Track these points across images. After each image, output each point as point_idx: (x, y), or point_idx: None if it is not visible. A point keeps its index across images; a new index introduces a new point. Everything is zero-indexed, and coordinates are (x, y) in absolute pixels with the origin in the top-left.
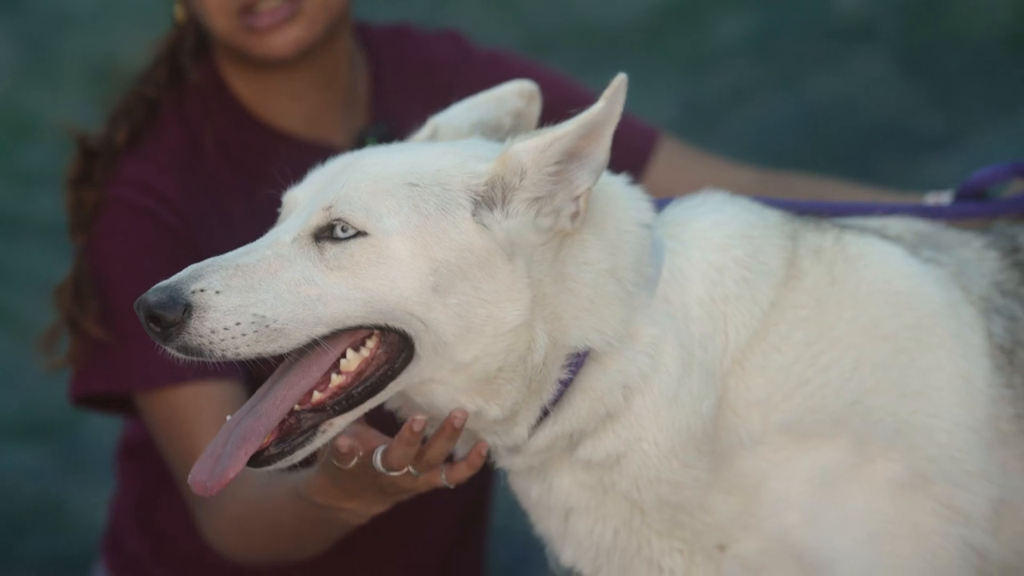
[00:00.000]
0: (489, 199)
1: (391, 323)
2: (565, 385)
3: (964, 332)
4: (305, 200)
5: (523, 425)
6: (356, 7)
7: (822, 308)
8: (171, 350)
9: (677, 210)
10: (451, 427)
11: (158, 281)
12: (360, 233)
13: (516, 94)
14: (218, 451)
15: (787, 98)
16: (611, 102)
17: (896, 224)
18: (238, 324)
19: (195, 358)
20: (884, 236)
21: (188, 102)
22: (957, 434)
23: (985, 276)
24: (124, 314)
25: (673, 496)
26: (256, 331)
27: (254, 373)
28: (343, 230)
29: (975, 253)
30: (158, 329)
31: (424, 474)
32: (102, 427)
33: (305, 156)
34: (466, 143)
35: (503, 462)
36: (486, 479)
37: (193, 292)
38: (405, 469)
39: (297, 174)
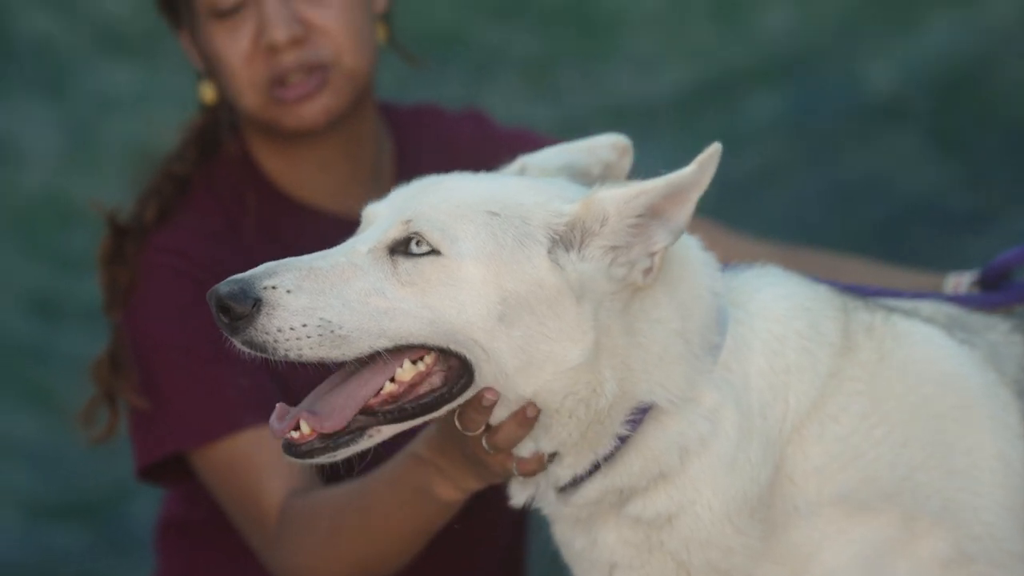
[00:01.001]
0: (567, 240)
1: (452, 346)
2: (621, 441)
3: (1001, 414)
4: (385, 215)
5: (568, 469)
6: (391, 87)
7: (874, 383)
8: (237, 343)
9: (738, 281)
10: (523, 415)
11: (198, 336)
12: (434, 251)
13: (609, 146)
14: (284, 413)
15: (820, 176)
16: (702, 168)
17: (927, 306)
18: (304, 326)
19: (258, 354)
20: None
21: (218, 177)
22: (999, 514)
23: (1013, 360)
24: (169, 373)
25: (723, 562)
26: (321, 335)
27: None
28: (418, 244)
29: (1002, 337)
30: (226, 320)
31: (497, 454)
32: (144, 507)
33: (332, 229)
34: (552, 181)
35: (549, 509)
36: (523, 525)
37: (265, 288)
38: (479, 432)
39: (324, 247)
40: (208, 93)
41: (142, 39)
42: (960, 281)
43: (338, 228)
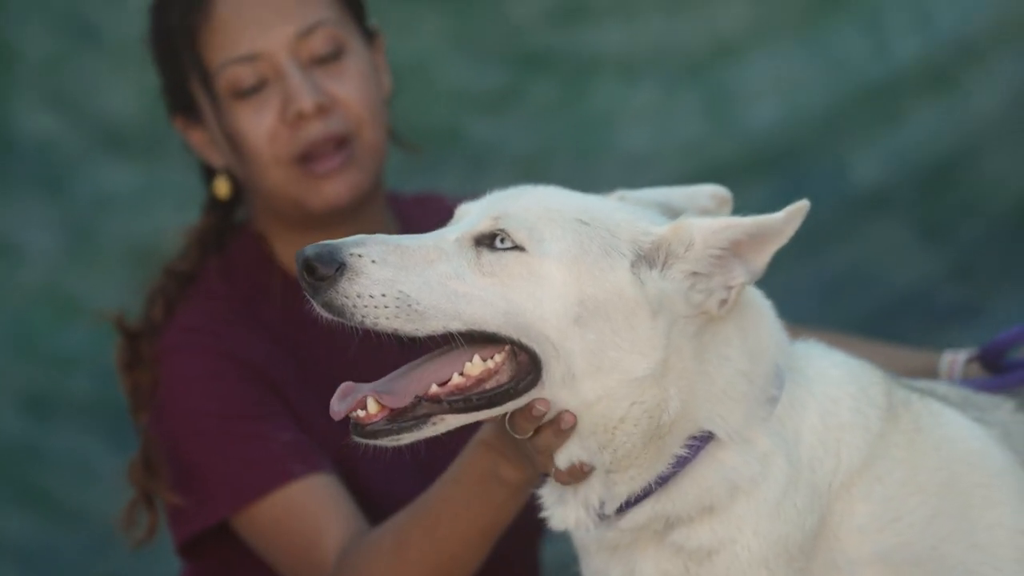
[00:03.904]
0: (651, 258)
1: (524, 340)
2: (678, 466)
3: (1021, 491)
4: (477, 211)
5: (626, 485)
6: (391, 178)
7: (912, 453)
8: (316, 305)
9: (793, 348)
10: (558, 427)
11: (233, 400)
12: (518, 248)
13: (709, 195)
14: (349, 391)
15: (806, 267)
16: (789, 218)
17: (942, 386)
18: (383, 296)
19: (335, 317)
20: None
21: (234, 266)
22: None
23: (1022, 438)
24: (208, 442)
25: None
26: (398, 307)
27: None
28: (502, 241)
29: (1008, 416)
30: (310, 279)
31: (540, 454)
32: None
33: None
34: (644, 210)
35: (588, 537)
36: (535, 544)
37: (351, 255)
38: (527, 436)
39: (339, 332)
40: (222, 187)
41: (142, 139)
42: (956, 359)
43: None
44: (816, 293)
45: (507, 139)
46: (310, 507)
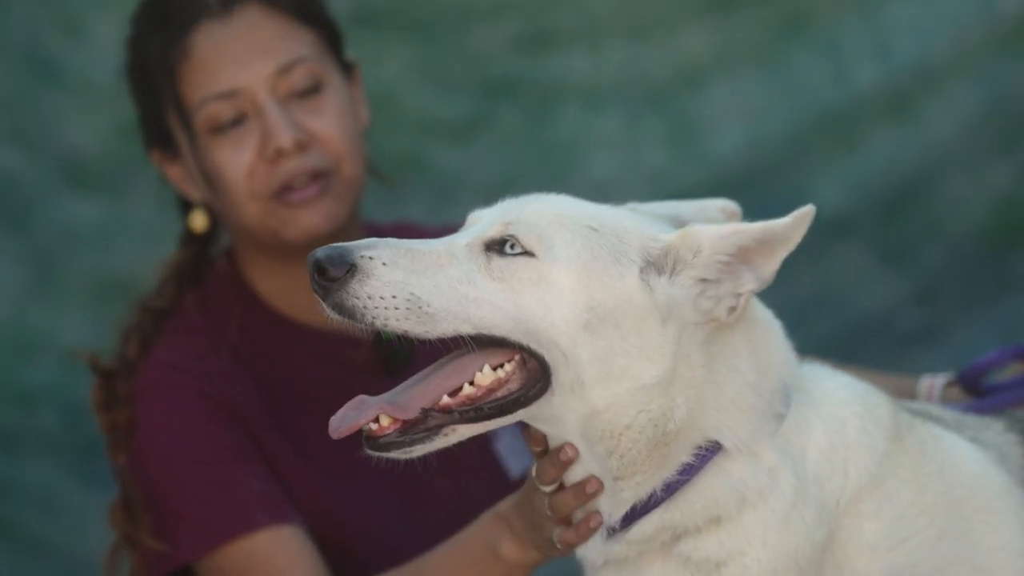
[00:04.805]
0: (659, 265)
1: (533, 346)
2: (685, 474)
3: (1020, 513)
4: (488, 218)
5: (632, 491)
6: (362, 208)
7: (917, 474)
8: (326, 307)
9: (802, 369)
10: (582, 490)
11: (206, 442)
12: (528, 253)
13: (719, 209)
14: (352, 410)
15: (769, 291)
16: (796, 223)
17: (935, 408)
18: (394, 297)
19: (345, 319)
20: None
21: (211, 300)
22: None
23: (1014, 459)
24: (179, 481)
25: None
26: (408, 309)
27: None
28: (512, 247)
29: (998, 436)
30: (320, 280)
31: (554, 517)
32: None
33: (326, 346)
34: (652, 219)
35: (594, 554)
36: None
37: (362, 256)
38: (549, 488)
39: (315, 364)
40: (199, 220)
41: (106, 173)
42: (934, 384)
43: (332, 344)
44: (779, 318)
45: (473, 167)
46: (274, 558)
